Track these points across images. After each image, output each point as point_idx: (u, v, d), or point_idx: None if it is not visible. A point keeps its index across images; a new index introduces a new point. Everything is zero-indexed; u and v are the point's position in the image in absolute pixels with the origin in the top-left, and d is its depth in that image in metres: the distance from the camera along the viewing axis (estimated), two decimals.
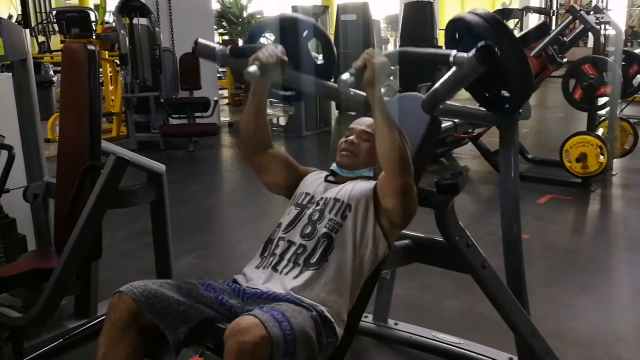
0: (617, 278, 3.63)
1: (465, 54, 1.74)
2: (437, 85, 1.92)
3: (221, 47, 2.25)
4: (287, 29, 2.19)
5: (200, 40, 2.22)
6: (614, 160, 5.64)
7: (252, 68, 1.92)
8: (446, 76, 1.88)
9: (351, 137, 2.07)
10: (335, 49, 2.25)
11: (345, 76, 1.77)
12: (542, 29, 5.55)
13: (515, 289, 2.22)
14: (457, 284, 3.22)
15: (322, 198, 2.00)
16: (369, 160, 2.04)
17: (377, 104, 1.80)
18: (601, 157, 5.10)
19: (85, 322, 2.82)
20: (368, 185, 1.97)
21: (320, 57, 2.24)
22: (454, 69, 1.83)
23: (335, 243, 1.88)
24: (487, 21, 1.83)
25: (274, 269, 1.88)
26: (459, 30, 1.99)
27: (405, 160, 1.80)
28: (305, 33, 2.19)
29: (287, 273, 1.85)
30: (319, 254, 1.86)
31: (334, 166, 2.09)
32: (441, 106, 1.98)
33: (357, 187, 1.97)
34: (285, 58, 2.01)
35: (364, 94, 1.87)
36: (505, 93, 2.02)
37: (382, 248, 1.95)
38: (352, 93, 2.02)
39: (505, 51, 1.79)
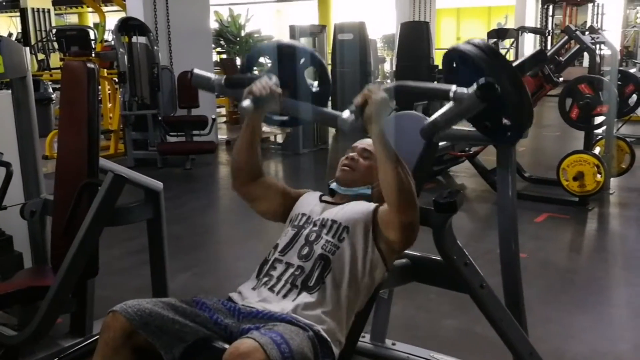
0: (615, 297, 3.62)
1: (465, 90, 1.73)
2: (436, 116, 1.92)
3: (217, 77, 2.25)
4: (284, 55, 2.22)
5: (196, 70, 2.25)
6: (611, 179, 5.65)
7: (246, 102, 1.96)
8: (445, 108, 1.88)
9: (352, 154, 2.08)
10: (330, 76, 2.27)
11: (346, 114, 1.77)
12: (539, 57, 5.53)
13: (513, 309, 2.20)
14: (454, 303, 3.21)
15: (319, 218, 1.99)
16: (367, 177, 2.04)
17: (379, 140, 1.79)
18: (598, 175, 5.11)
19: (81, 340, 2.79)
20: (366, 207, 1.96)
21: (316, 84, 2.26)
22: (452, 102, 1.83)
23: (332, 265, 1.87)
24: (485, 52, 1.83)
25: (271, 290, 1.87)
26: (457, 60, 2.00)
27: (410, 196, 1.79)
28: (302, 60, 2.22)
29: (285, 295, 1.84)
30: (316, 276, 1.85)
31: (333, 185, 2.09)
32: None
33: (355, 210, 1.96)
34: (279, 90, 2.03)
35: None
36: (506, 121, 2.01)
37: (380, 271, 1.94)
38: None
39: (504, 83, 1.78)
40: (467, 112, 1.81)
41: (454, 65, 1.98)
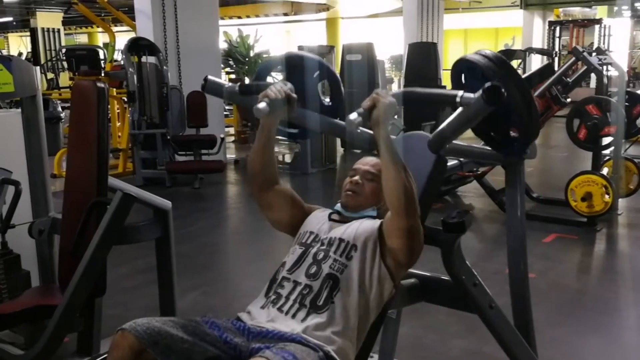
0: (624, 319, 3.59)
1: (472, 95, 1.76)
2: (443, 125, 1.92)
3: (230, 84, 2.28)
4: (295, 67, 2.22)
5: (210, 77, 2.27)
6: (619, 199, 5.63)
7: (262, 105, 1.95)
8: (453, 116, 1.89)
9: (355, 178, 2.06)
10: (343, 88, 2.28)
11: (353, 116, 1.79)
12: (546, 71, 5.58)
13: (523, 329, 2.19)
14: (462, 323, 3.19)
15: (326, 237, 1.98)
16: (373, 200, 2.04)
17: (384, 143, 1.81)
18: (606, 196, 5.09)
19: None
20: (373, 224, 1.96)
21: (328, 99, 2.26)
22: (460, 109, 1.84)
23: (341, 284, 1.86)
24: (493, 61, 1.85)
25: (280, 309, 1.86)
26: (465, 71, 2.01)
27: (411, 200, 1.80)
28: (313, 72, 2.23)
29: (294, 315, 1.83)
30: (325, 295, 1.84)
31: (338, 206, 2.09)
32: (447, 145, 1.99)
33: (362, 227, 1.96)
34: (294, 95, 2.04)
35: (370, 132, 1.89)
36: (512, 133, 2.03)
37: (388, 288, 1.93)
38: (358, 131, 2.02)
39: (511, 91, 1.80)
40: (474, 118, 1.82)
41: (463, 77, 1.99)
